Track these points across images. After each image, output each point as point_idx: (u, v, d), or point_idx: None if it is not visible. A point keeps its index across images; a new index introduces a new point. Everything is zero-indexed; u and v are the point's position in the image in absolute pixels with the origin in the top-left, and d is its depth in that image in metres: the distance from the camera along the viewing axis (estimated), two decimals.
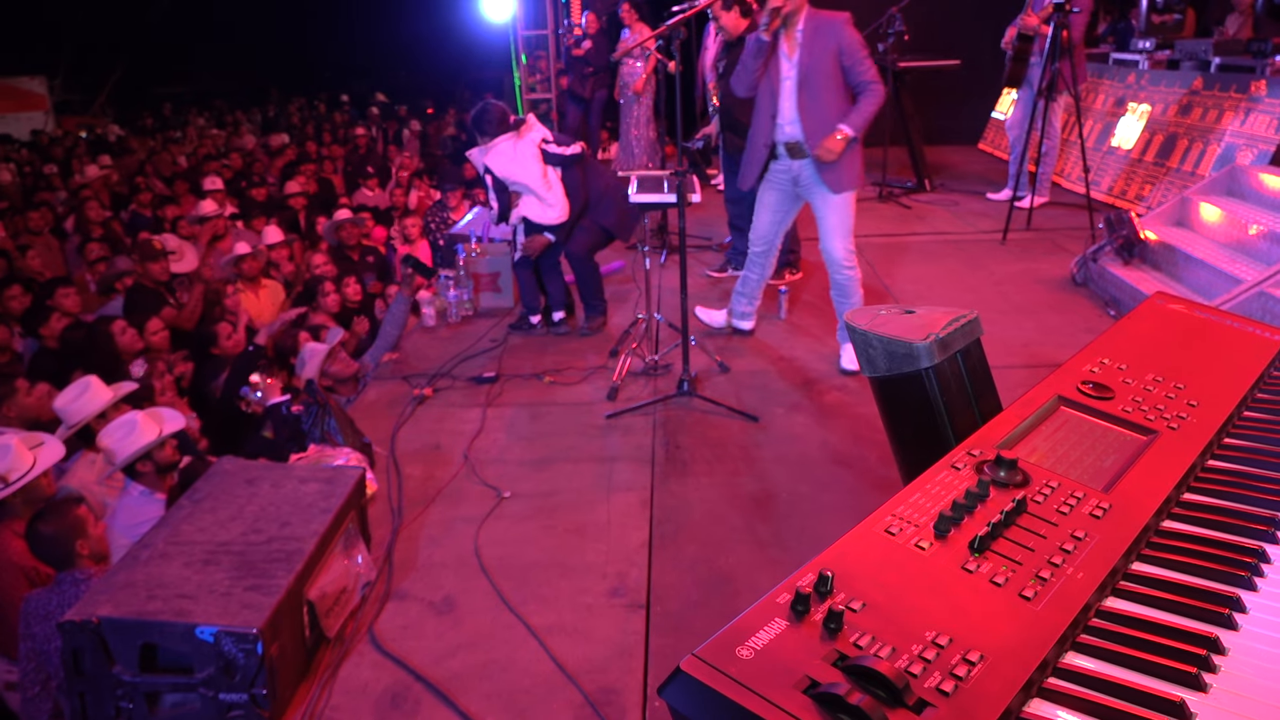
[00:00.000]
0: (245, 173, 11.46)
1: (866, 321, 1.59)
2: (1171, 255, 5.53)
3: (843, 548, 1.17)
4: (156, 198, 9.79)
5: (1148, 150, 7.50)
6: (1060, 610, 1.11)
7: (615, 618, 2.98)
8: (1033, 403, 1.56)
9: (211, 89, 24.63)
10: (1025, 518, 1.26)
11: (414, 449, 4.19)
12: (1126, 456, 1.46)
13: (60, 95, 19.26)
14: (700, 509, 3.58)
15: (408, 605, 3.09)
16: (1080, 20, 7.02)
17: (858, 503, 3.59)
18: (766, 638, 1.00)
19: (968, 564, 1.16)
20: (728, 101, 5.77)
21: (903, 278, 6.25)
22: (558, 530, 3.49)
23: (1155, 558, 1.30)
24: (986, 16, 9.41)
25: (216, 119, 19.55)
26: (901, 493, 1.30)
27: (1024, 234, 7.06)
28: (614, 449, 4.08)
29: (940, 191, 8.80)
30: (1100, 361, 1.72)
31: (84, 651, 2.43)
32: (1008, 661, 1.02)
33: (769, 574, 3.17)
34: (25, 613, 3.02)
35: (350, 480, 3.15)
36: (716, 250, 7.13)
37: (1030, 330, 5.17)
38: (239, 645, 2.41)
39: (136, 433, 3.68)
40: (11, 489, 3.48)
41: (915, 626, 1.05)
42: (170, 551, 2.72)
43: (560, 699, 2.64)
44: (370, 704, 2.65)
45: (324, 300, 6.16)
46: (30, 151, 14.78)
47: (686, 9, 5.30)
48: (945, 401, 1.53)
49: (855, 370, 4.58)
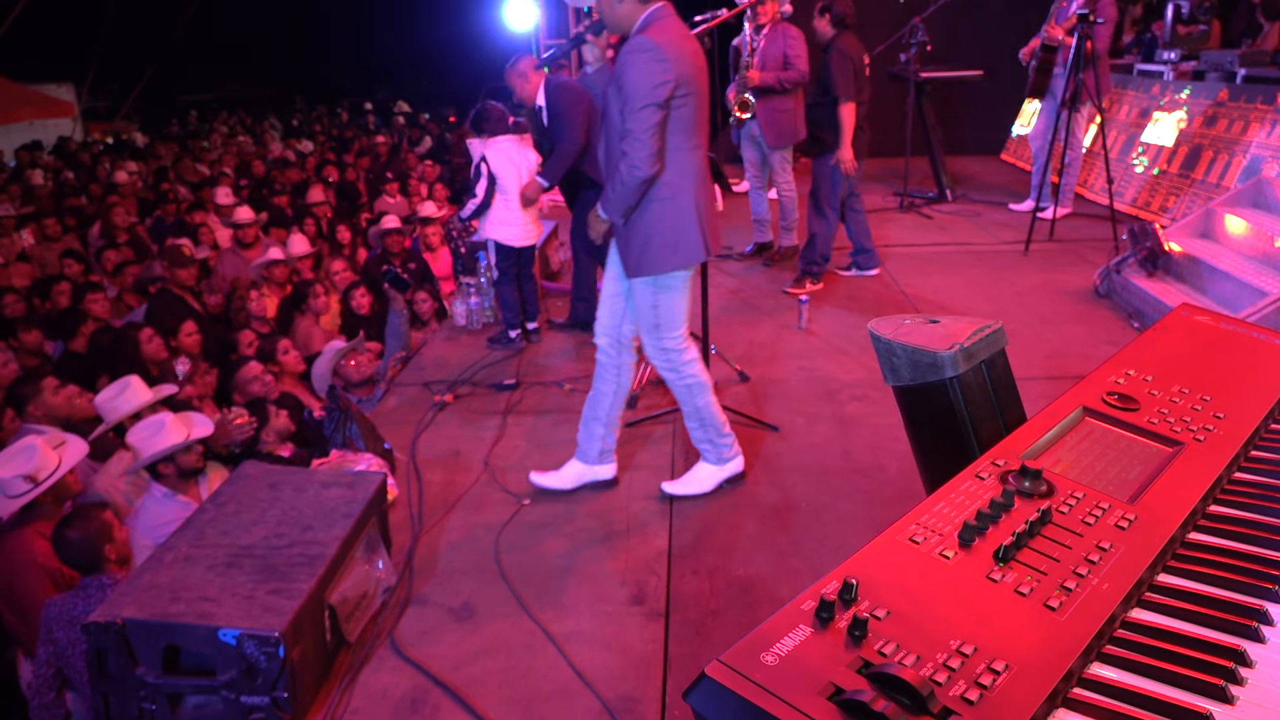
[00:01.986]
0: (267, 180, 11.55)
1: (891, 331, 1.59)
2: (1196, 267, 5.49)
3: (867, 556, 1.17)
4: (186, 204, 9.89)
5: (1172, 161, 7.45)
6: (1085, 621, 1.11)
7: (634, 626, 2.98)
8: (1057, 413, 1.55)
9: (236, 96, 24.90)
10: (1050, 528, 1.26)
11: (434, 455, 4.21)
12: (1152, 468, 1.45)
13: (87, 102, 19.49)
14: (720, 518, 3.58)
15: (428, 611, 3.10)
16: (1105, 31, 7.00)
17: (878, 513, 3.58)
18: (791, 644, 1.00)
19: (992, 573, 1.16)
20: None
21: (924, 288, 6.23)
22: (577, 538, 3.50)
23: (1181, 569, 1.29)
24: (1009, 27, 9.42)
25: (241, 126, 19.75)
26: (925, 502, 1.29)
27: (1046, 245, 7.03)
28: (634, 457, 4.09)
29: (962, 202, 8.78)
30: (1126, 373, 1.72)
31: (108, 652, 2.46)
32: (1033, 671, 1.01)
33: (789, 584, 3.16)
34: (47, 617, 3.05)
35: (372, 486, 3.17)
36: (737, 259, 7.14)
37: (1052, 341, 5.15)
38: (261, 648, 2.43)
39: (163, 434, 3.72)
40: (41, 489, 3.52)
41: (940, 635, 1.04)
42: (193, 554, 2.75)
43: (579, 706, 2.65)
44: (390, 708, 2.66)
45: (314, 302, 6.26)
46: (57, 157, 14.96)
47: (710, 19, 5.33)
48: (969, 411, 1.53)
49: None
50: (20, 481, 3.49)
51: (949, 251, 7.12)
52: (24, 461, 3.52)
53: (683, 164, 3.30)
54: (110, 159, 13.87)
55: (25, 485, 3.49)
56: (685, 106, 3.23)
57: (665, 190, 3.30)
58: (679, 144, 3.27)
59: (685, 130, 3.27)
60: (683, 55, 3.18)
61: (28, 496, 3.49)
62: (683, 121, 3.25)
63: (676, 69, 3.14)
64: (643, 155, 3.16)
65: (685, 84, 3.19)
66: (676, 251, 3.35)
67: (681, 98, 3.20)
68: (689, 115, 3.26)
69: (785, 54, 6.35)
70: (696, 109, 3.28)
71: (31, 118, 16.63)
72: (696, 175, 3.35)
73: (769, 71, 6.39)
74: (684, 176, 3.31)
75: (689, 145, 3.30)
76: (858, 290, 6.27)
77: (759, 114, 6.54)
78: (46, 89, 17.66)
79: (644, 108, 3.13)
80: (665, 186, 3.29)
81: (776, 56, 6.38)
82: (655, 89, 3.12)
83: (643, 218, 3.33)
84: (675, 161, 3.28)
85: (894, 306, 5.91)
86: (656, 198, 3.30)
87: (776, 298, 6.19)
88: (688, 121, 3.26)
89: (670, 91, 3.15)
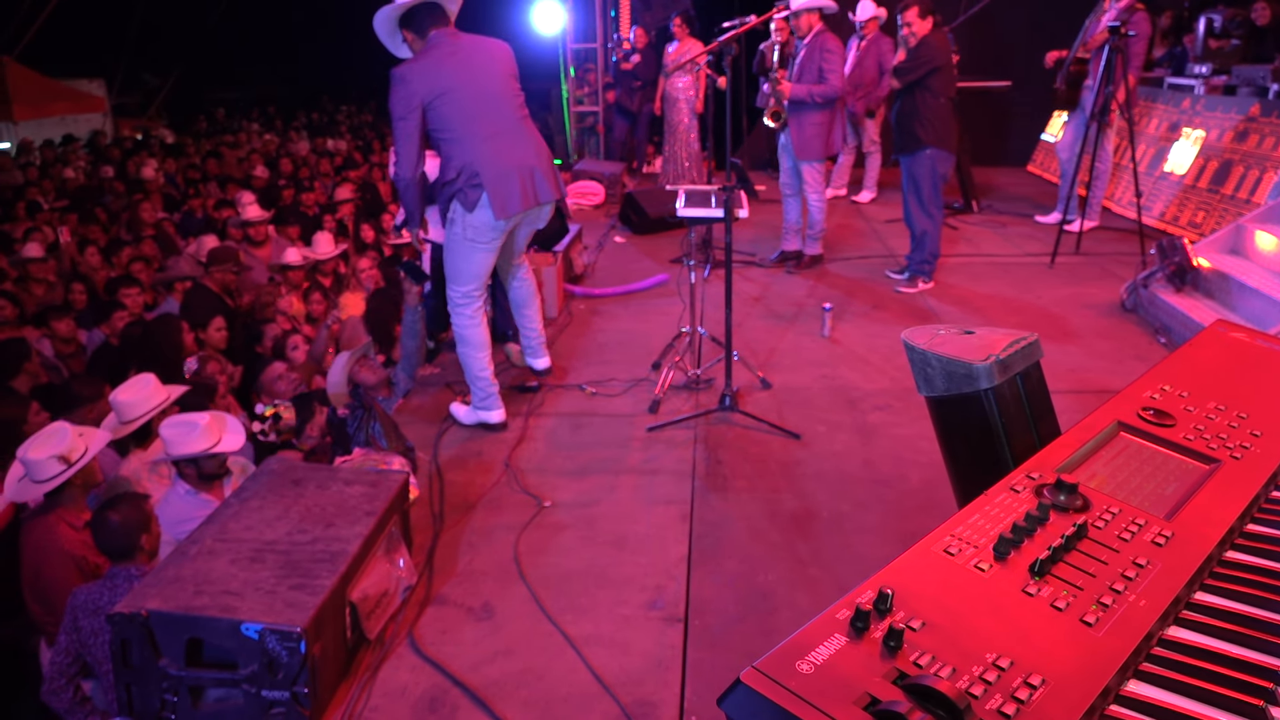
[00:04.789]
0: (294, 179, 11.64)
1: (925, 341, 1.58)
2: (1225, 283, 5.43)
3: (901, 566, 1.16)
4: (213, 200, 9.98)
5: (1201, 176, 7.39)
6: (1123, 637, 1.10)
7: (653, 630, 2.97)
8: (1092, 428, 1.54)
9: (263, 95, 25.08)
10: (1086, 543, 1.25)
11: (456, 455, 4.22)
12: (1188, 485, 1.44)
13: (117, 98, 19.69)
14: (740, 524, 3.57)
15: (447, 610, 3.11)
16: (1139, 47, 6.98)
17: (900, 523, 3.56)
18: (826, 653, 0.99)
19: (1028, 587, 1.15)
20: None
21: (949, 299, 6.20)
22: (597, 541, 3.50)
23: (1219, 588, 1.28)
24: (1038, 38, 9.35)
25: (269, 124, 19.91)
26: (960, 513, 1.29)
27: (1072, 258, 6.98)
28: (655, 462, 4.08)
29: (988, 213, 8.73)
30: (1161, 388, 1.70)
31: (132, 643, 2.47)
32: (1070, 687, 1.00)
33: (808, 592, 3.15)
34: (73, 605, 3.07)
35: (394, 484, 3.18)
36: (762, 265, 7.12)
37: (1078, 355, 5.11)
38: (283, 643, 2.44)
39: (193, 436, 3.75)
40: (74, 469, 3.57)
41: (976, 648, 1.04)
42: (218, 548, 2.76)
43: (597, 710, 2.64)
44: (408, 707, 2.67)
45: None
46: (88, 152, 15.13)
47: (739, 25, 5.32)
48: (1004, 424, 1.52)
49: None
50: (54, 462, 3.54)
51: (974, 263, 7.08)
52: (57, 443, 3.57)
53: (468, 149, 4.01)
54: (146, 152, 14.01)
55: (59, 466, 3.54)
56: (443, 106, 3.94)
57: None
58: (453, 135, 3.98)
59: (455, 123, 3.98)
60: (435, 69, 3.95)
61: (61, 478, 3.54)
62: (445, 119, 3.96)
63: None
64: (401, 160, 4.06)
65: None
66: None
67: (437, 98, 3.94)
68: (450, 112, 3.95)
69: (820, 67, 6.33)
70: (460, 104, 3.97)
71: (64, 113, 16.82)
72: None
73: (802, 84, 6.38)
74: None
75: (466, 134, 3.99)
76: (882, 300, 6.24)
77: (791, 125, 6.53)
78: (78, 84, 17.84)
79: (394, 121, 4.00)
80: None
81: (813, 69, 6.36)
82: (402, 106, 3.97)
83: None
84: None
85: (917, 318, 5.89)
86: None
87: (800, 304, 6.18)
88: (449, 118, 3.96)
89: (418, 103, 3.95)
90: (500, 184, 3.98)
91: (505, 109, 4.10)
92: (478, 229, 4.07)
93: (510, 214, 4.02)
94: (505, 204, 3.99)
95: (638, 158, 11.53)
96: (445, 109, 3.95)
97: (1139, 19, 7.07)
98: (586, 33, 11.81)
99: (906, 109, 6.13)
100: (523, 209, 4.07)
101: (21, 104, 14.88)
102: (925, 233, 6.24)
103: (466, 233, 4.09)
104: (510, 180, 4.01)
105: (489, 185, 3.96)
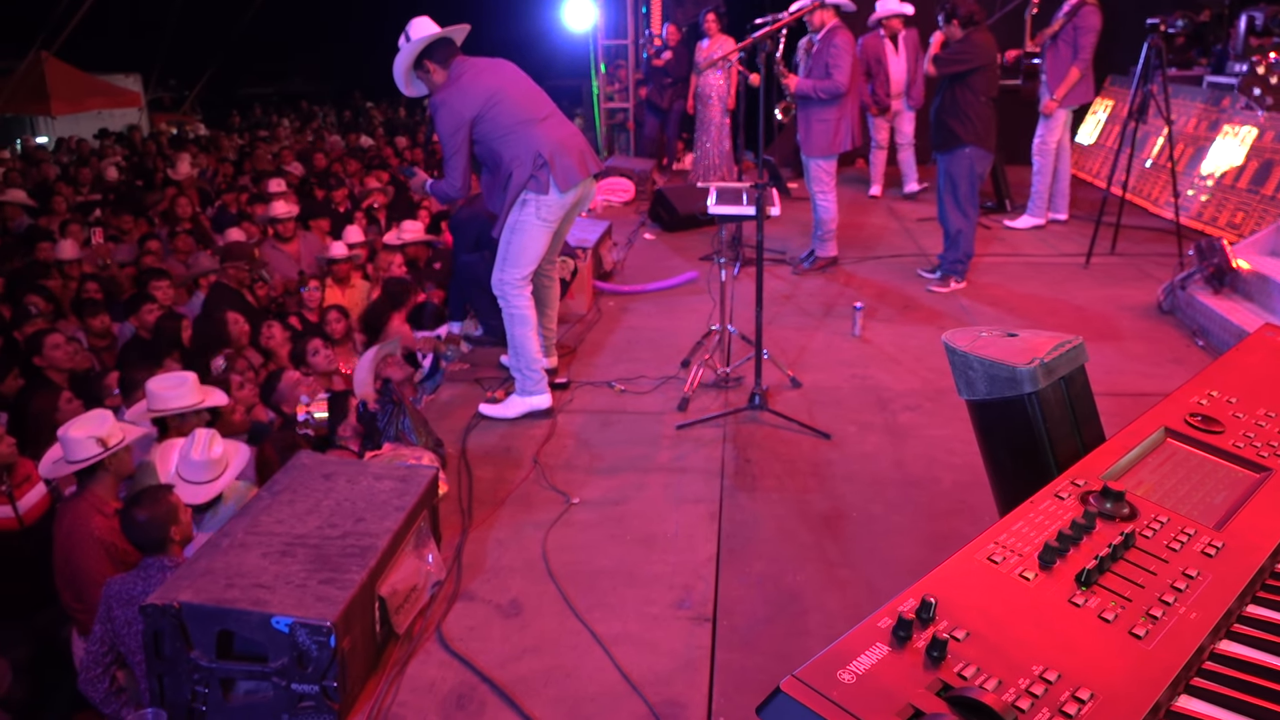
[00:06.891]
0: (325, 174, 11.70)
1: (967, 343, 1.55)
2: (1265, 285, 5.33)
3: (944, 574, 1.13)
4: (247, 195, 10.05)
5: (1241, 176, 7.26)
6: (1173, 651, 1.07)
7: (681, 630, 2.96)
8: (1138, 433, 1.50)
9: (297, 91, 25.25)
10: (1134, 552, 1.21)
11: (485, 451, 4.22)
12: (1239, 494, 1.40)
13: (153, 93, 19.90)
14: (769, 524, 3.55)
15: (475, 606, 3.11)
16: (1087, 40, 7.19)
17: (930, 525, 3.52)
18: (868, 662, 0.97)
19: (1075, 598, 1.12)
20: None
21: (982, 300, 6.13)
22: (625, 539, 3.48)
23: (1272, 601, 1.24)
24: None
25: (303, 120, 20.05)
26: (1003, 520, 1.26)
27: (1108, 259, 6.88)
28: (684, 460, 4.06)
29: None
30: (1208, 393, 1.66)
31: (164, 635, 2.49)
32: (1119, 701, 0.98)
33: (838, 594, 3.12)
34: (107, 595, 3.09)
35: (424, 479, 3.18)
36: (792, 264, 7.08)
37: (1113, 358, 5.03)
38: (313, 637, 2.44)
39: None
40: (109, 452, 3.62)
41: (1021, 659, 1.01)
42: (249, 541, 2.77)
43: (625, 709, 2.63)
44: (436, 702, 2.67)
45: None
46: (124, 147, 15.30)
47: (771, 22, 5.27)
48: (1048, 429, 1.48)
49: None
50: (91, 443, 3.60)
51: (1007, 262, 6.99)
52: (97, 425, 3.62)
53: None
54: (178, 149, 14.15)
55: (95, 448, 3.60)
56: (494, 112, 4.25)
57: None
58: (509, 132, 4.26)
59: (509, 120, 4.27)
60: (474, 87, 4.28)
61: (93, 459, 3.58)
62: (497, 122, 4.26)
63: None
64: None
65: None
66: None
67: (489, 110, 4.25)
68: (501, 112, 4.26)
69: (827, 63, 6.26)
70: (508, 103, 4.28)
71: (100, 107, 17.02)
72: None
73: (808, 79, 6.32)
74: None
75: (521, 123, 4.28)
76: (913, 299, 6.18)
77: (799, 120, 6.49)
78: (114, 79, 18.05)
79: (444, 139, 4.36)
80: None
81: (821, 65, 6.30)
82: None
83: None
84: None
85: (950, 318, 5.82)
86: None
87: (831, 303, 6.14)
88: (501, 118, 4.26)
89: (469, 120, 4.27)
90: (561, 157, 4.24)
91: (543, 99, 4.45)
92: (550, 207, 4.28)
93: (573, 183, 4.26)
94: (568, 175, 4.23)
95: (668, 154, 11.50)
96: (496, 113, 4.24)
97: (1087, 12, 7.15)
98: (618, 29, 11.78)
99: (945, 105, 6.06)
100: (581, 178, 4.30)
101: (59, 99, 15.07)
102: (960, 232, 6.18)
103: (540, 212, 4.27)
104: (568, 153, 4.27)
105: (553, 161, 4.21)
